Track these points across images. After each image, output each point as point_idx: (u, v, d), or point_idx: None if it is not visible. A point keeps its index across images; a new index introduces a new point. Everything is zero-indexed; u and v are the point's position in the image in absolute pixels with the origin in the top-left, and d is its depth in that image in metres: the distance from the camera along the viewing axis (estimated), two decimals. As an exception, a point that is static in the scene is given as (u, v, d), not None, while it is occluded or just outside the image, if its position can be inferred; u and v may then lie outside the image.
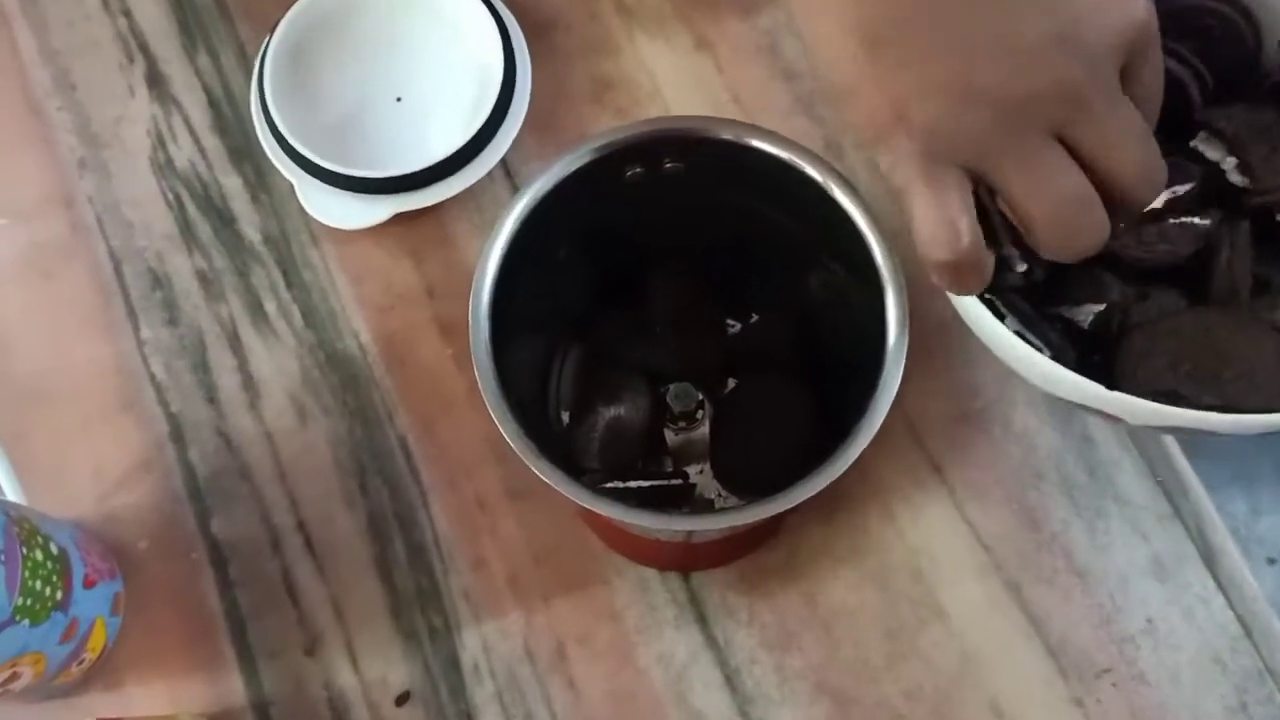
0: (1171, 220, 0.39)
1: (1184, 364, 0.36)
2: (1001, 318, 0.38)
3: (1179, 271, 0.40)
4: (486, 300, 0.35)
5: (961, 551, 0.47)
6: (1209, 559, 0.47)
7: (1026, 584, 0.47)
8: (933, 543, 0.47)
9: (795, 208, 0.37)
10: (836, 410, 0.38)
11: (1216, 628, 0.46)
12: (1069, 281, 0.39)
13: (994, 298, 0.38)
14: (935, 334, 0.50)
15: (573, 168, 0.36)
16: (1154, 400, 0.34)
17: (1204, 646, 0.46)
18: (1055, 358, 0.37)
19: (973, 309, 0.37)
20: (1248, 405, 0.35)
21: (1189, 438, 0.47)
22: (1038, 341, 0.38)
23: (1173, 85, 0.39)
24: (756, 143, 0.36)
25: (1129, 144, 0.33)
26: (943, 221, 0.33)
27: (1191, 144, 0.40)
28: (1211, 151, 0.40)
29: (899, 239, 0.38)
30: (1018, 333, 0.37)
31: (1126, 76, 0.33)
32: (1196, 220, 0.39)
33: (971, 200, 0.33)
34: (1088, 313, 0.39)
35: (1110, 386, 0.35)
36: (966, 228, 0.33)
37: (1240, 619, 0.46)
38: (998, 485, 0.48)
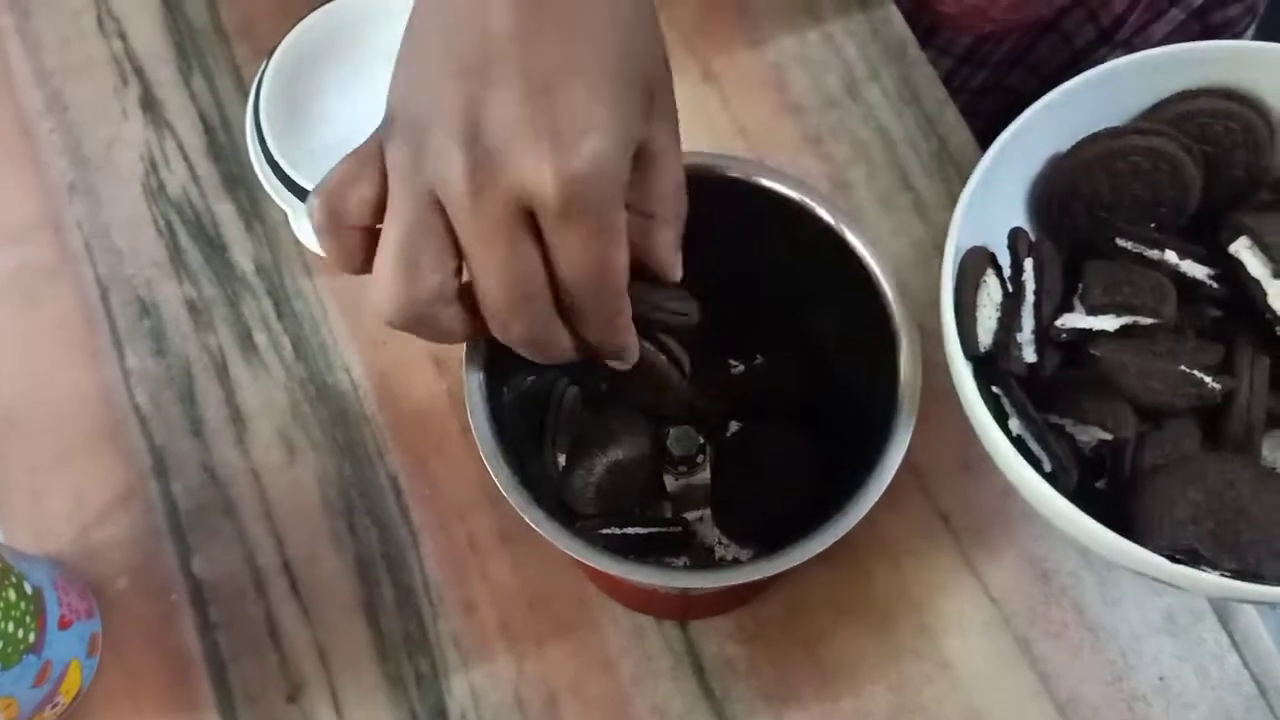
0: (1193, 371, 0.36)
1: (1207, 520, 0.33)
2: (1004, 417, 0.35)
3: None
4: (482, 342, 0.34)
5: (968, 604, 0.46)
6: (1223, 615, 0.45)
7: (1035, 639, 0.45)
8: (938, 594, 0.46)
9: (805, 249, 0.36)
10: (842, 459, 0.36)
11: (1230, 686, 0.45)
12: (1081, 394, 0.36)
13: (999, 391, 0.35)
14: (942, 379, 0.48)
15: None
16: (1173, 559, 0.31)
17: (1217, 705, 0.44)
18: (1054, 475, 0.34)
19: (977, 410, 0.34)
20: (1266, 571, 0.32)
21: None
22: (1039, 450, 0.35)
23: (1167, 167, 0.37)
24: (766, 182, 0.35)
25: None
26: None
27: (1230, 249, 0.36)
28: (1254, 265, 0.36)
29: (911, 286, 0.37)
30: (1019, 437, 0.34)
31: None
32: (1217, 386, 0.36)
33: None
34: (1093, 436, 0.36)
35: (1124, 531, 0.32)
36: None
37: (1255, 677, 0.45)
38: (1006, 536, 0.46)
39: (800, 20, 0.55)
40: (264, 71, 0.51)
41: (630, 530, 0.41)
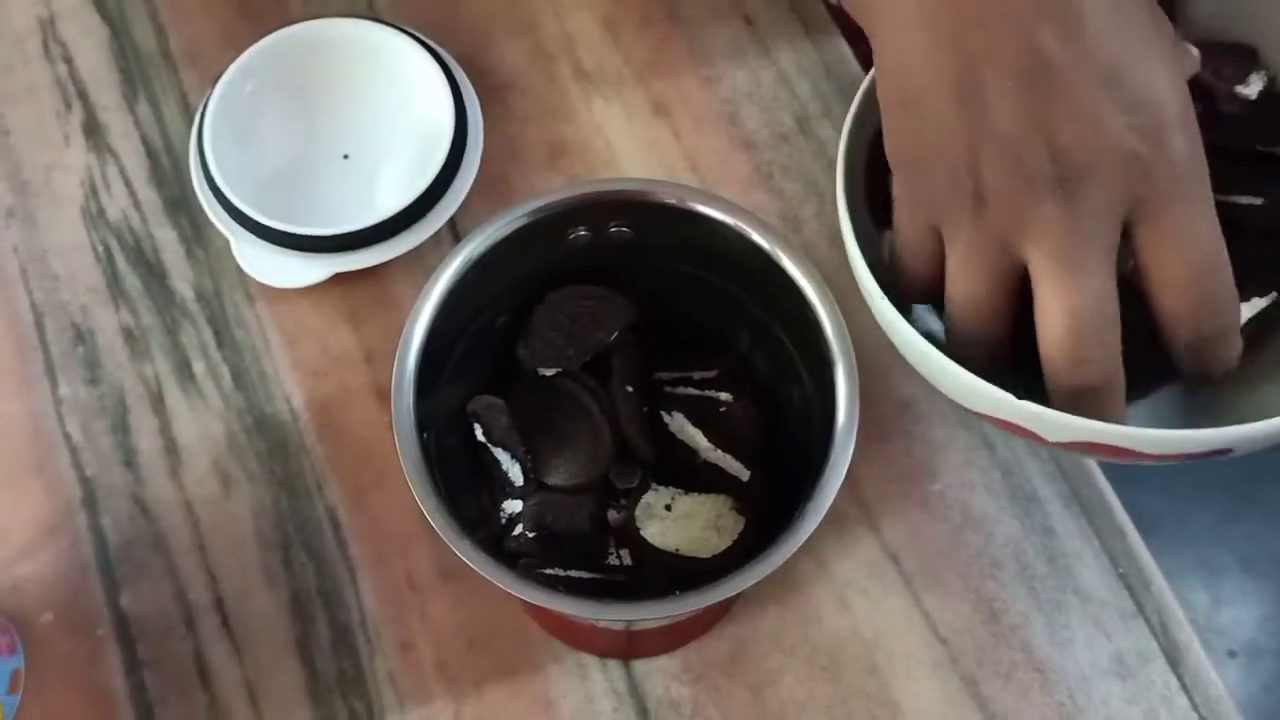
0: None
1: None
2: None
3: None
4: (412, 367, 0.33)
5: (917, 644, 0.45)
6: (1172, 657, 0.45)
7: (984, 679, 0.45)
8: (888, 634, 0.45)
9: (744, 277, 0.36)
10: (787, 493, 0.36)
11: (1181, 730, 0.44)
12: None
13: None
14: (894, 416, 0.48)
15: (510, 229, 0.35)
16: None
17: (1168, 750, 0.44)
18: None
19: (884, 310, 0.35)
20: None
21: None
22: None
23: None
24: (702, 208, 0.35)
25: (1179, 258, 0.32)
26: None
27: None
28: None
29: (853, 316, 0.36)
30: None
31: None
32: None
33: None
34: None
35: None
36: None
37: (1204, 720, 0.44)
38: (955, 574, 0.46)
39: (753, 58, 0.55)
40: (210, 97, 0.50)
41: (574, 573, 0.40)
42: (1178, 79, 0.34)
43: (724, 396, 0.38)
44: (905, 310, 0.36)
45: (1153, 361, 0.35)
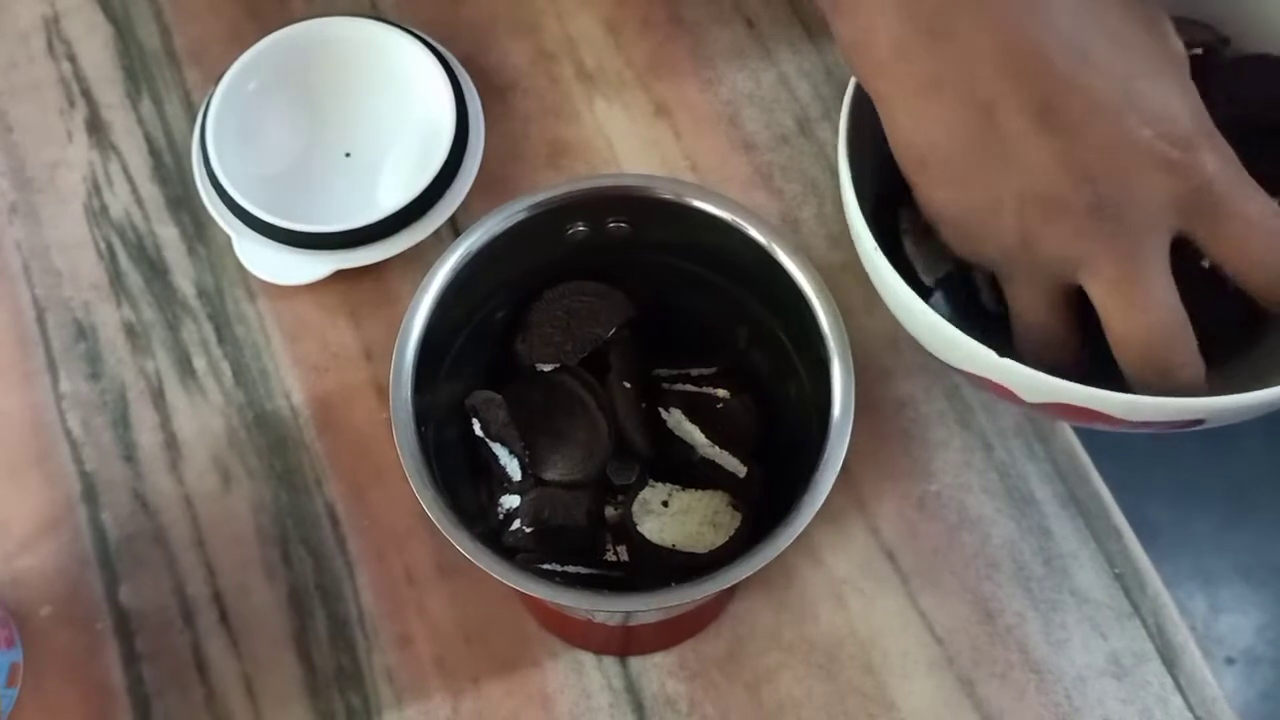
0: None
1: None
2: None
3: None
4: (410, 361, 0.33)
5: (913, 643, 0.45)
6: (1168, 658, 0.45)
7: (980, 680, 0.45)
8: (884, 633, 0.45)
9: (741, 273, 0.36)
10: (785, 490, 0.36)
11: (1176, 731, 0.44)
12: None
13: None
14: (892, 417, 0.48)
15: (508, 224, 0.35)
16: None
17: (1163, 751, 0.44)
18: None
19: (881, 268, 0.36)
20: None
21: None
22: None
23: None
24: (699, 203, 0.35)
25: (1256, 240, 0.32)
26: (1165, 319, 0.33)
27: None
28: None
29: (851, 317, 0.36)
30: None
31: None
32: None
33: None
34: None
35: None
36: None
37: (1200, 722, 0.44)
38: (952, 575, 0.46)
39: (754, 61, 0.55)
40: (213, 95, 0.50)
41: (571, 569, 0.40)
42: (1187, 83, 0.34)
43: (721, 393, 0.38)
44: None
45: (1225, 330, 0.36)
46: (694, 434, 0.38)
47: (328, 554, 0.46)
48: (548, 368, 0.39)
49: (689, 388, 0.39)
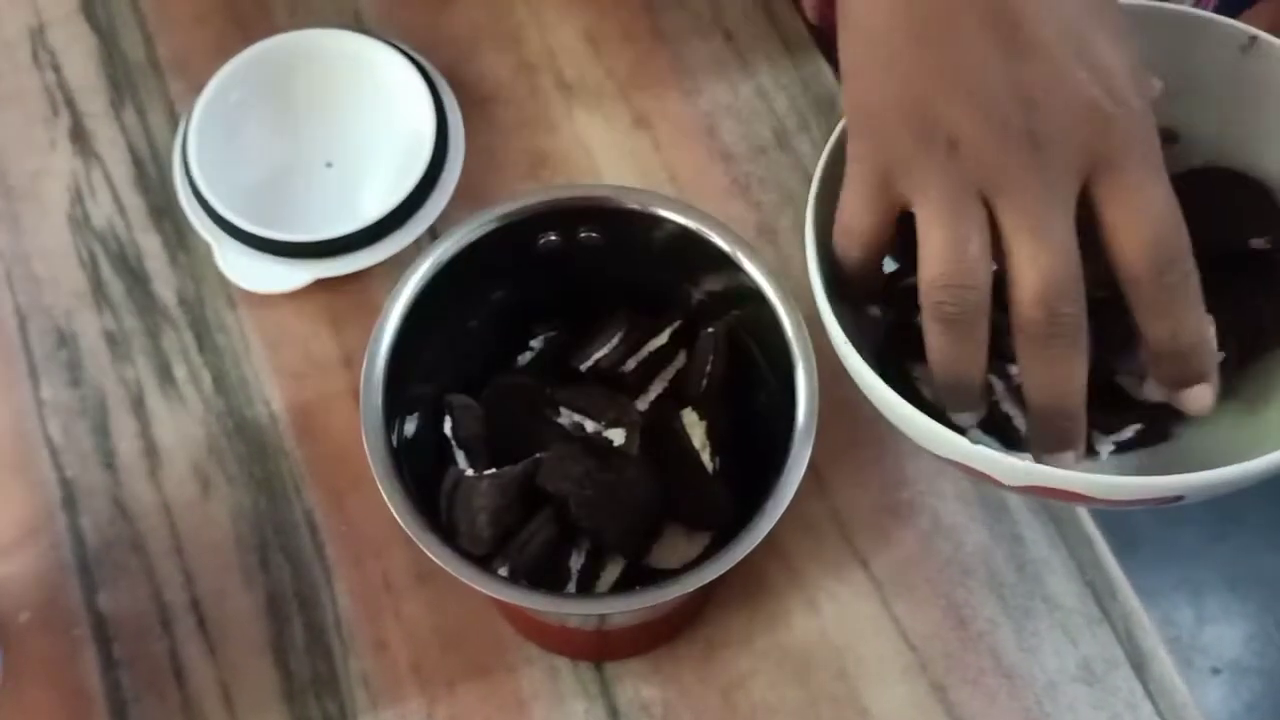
0: None
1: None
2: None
3: None
4: (381, 368, 0.34)
5: (887, 649, 0.45)
6: (1137, 664, 0.45)
7: (953, 685, 0.45)
8: (858, 640, 0.46)
9: (708, 282, 0.36)
10: (756, 500, 0.36)
11: (1146, 736, 0.44)
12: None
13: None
14: (866, 425, 0.48)
15: (480, 233, 0.35)
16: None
17: (1134, 756, 0.44)
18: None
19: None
20: None
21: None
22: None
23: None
24: (666, 213, 0.36)
25: (1144, 215, 0.32)
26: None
27: None
28: None
29: (817, 323, 0.37)
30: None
31: None
32: None
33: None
34: None
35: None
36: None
37: (1170, 728, 0.45)
38: (925, 581, 0.46)
39: (733, 73, 0.56)
40: (195, 105, 0.51)
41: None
42: (1131, 47, 0.34)
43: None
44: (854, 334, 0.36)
45: (1122, 398, 0.36)
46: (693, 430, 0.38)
47: (306, 560, 0.46)
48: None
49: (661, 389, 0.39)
